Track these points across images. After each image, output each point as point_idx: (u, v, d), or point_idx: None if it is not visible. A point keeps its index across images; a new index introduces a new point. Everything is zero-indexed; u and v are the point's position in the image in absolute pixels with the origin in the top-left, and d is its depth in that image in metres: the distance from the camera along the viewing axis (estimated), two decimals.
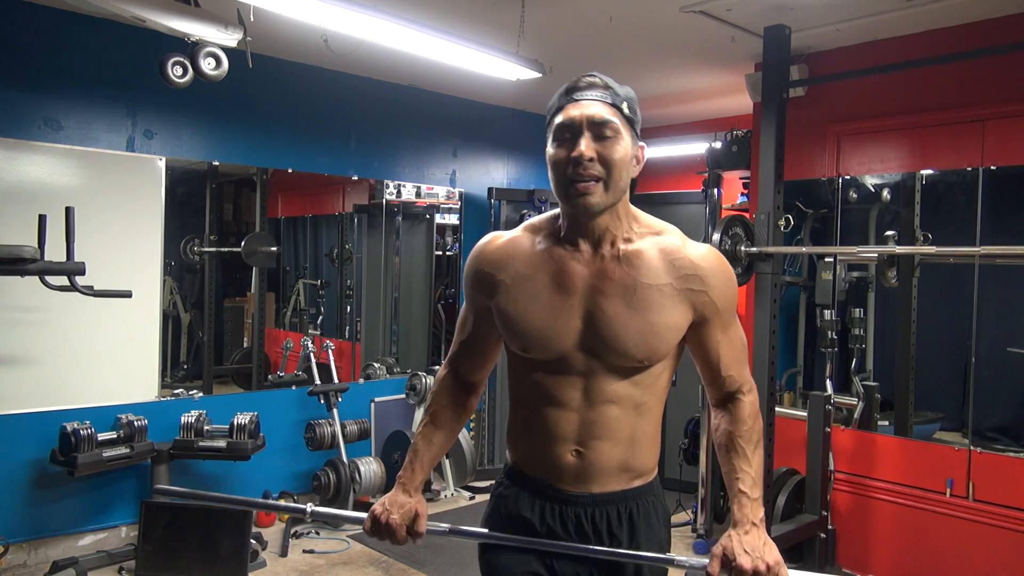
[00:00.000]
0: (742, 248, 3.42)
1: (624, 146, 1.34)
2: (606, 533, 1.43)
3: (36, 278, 3.10)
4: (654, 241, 1.41)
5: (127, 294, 3.41)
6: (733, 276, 1.45)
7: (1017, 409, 3.65)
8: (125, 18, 2.82)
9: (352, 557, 3.86)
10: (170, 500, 3.48)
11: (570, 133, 1.34)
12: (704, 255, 1.40)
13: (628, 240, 1.40)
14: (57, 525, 3.64)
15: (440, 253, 5.52)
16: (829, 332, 3.79)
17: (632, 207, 1.45)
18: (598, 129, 1.33)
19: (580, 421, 1.41)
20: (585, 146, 1.32)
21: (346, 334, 5.15)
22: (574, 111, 1.34)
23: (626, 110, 1.36)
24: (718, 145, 4.45)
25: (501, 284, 1.45)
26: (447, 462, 4.79)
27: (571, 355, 1.39)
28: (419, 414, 4.74)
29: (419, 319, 5.51)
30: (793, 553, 3.71)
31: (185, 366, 4.48)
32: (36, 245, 3.06)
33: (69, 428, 3.39)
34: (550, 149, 1.37)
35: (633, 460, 1.44)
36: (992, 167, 3.38)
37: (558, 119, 1.36)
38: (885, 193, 3.93)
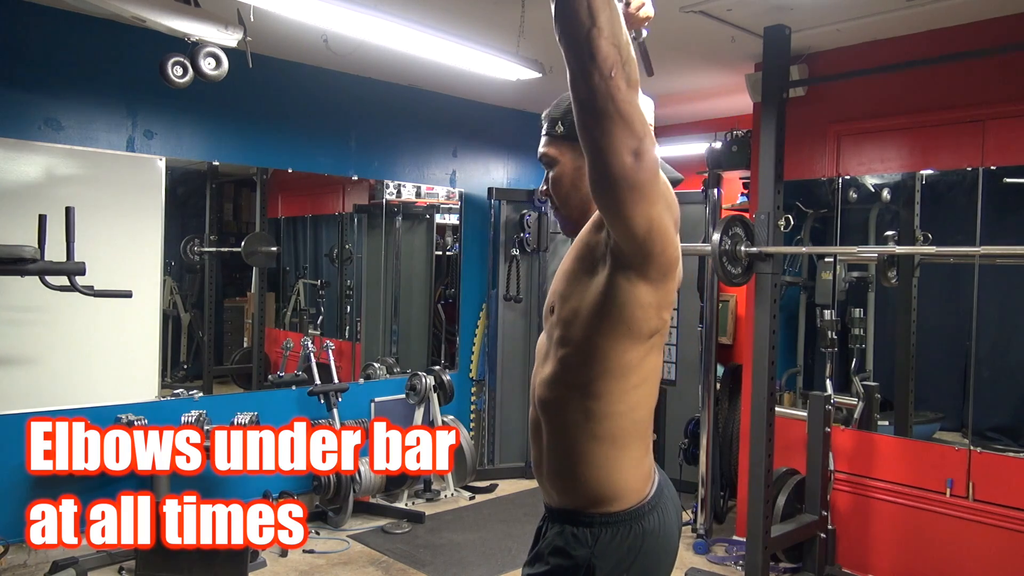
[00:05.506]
0: (742, 248, 3.41)
1: (562, 166, 1.42)
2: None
3: (36, 278, 3.10)
4: None
5: (127, 294, 3.41)
6: None
7: (1017, 409, 3.65)
8: (125, 18, 2.82)
9: (352, 557, 3.86)
10: None
11: None
12: None
13: None
14: None
15: (440, 253, 5.52)
16: (829, 332, 3.79)
17: None
18: (546, 165, 1.46)
19: (537, 401, 1.40)
20: (542, 186, 1.49)
21: (346, 334, 5.15)
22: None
23: (558, 129, 1.41)
24: (718, 145, 4.45)
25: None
26: None
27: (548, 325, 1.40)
28: (419, 414, 4.74)
29: (419, 319, 5.51)
30: (793, 553, 3.71)
31: (185, 366, 4.47)
32: (36, 245, 3.05)
33: None
34: None
35: (563, 471, 1.34)
36: (992, 167, 3.38)
37: None
38: (885, 193, 3.92)
